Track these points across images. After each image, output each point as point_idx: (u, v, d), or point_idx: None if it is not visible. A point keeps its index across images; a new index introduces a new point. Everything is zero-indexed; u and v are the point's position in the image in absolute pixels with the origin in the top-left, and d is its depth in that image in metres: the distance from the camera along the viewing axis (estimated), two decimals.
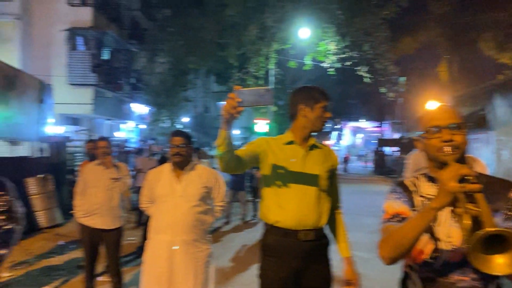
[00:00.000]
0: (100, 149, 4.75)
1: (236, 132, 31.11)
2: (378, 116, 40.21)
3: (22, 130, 8.33)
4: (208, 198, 3.32)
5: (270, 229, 2.39)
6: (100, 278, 5.24)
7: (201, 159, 9.04)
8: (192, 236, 3.14)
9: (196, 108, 29.83)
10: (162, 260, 3.09)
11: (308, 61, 16.35)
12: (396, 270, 1.83)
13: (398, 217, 1.58)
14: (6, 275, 5.51)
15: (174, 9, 18.89)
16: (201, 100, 30.33)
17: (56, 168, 9.97)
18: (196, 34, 17.22)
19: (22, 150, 9.78)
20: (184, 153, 3.22)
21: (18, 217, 1.31)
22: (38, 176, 8.85)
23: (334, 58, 15.96)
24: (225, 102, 1.82)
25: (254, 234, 8.54)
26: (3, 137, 7.79)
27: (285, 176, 2.34)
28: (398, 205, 1.61)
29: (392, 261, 1.51)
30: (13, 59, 13.74)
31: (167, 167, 3.33)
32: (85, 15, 16.11)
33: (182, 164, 3.25)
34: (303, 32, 15.62)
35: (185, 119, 24.84)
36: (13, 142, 9.13)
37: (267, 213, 2.40)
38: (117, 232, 4.74)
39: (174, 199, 3.17)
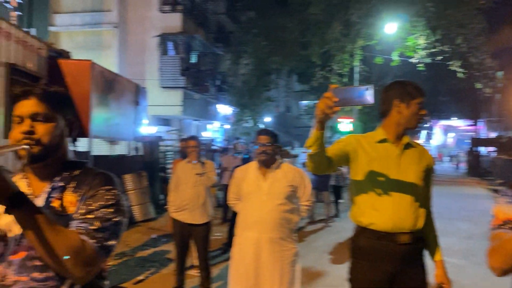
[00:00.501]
0: (190, 148, 4.99)
1: None
2: (471, 114, 37.41)
3: (120, 130, 9.00)
4: (294, 197, 3.31)
5: (363, 231, 2.30)
6: (190, 272, 5.48)
7: (284, 158, 9.09)
8: (278, 234, 3.15)
9: (278, 107, 30.03)
10: (249, 256, 3.15)
11: (395, 57, 15.68)
12: (499, 280, 1.67)
13: (511, 224, 1.43)
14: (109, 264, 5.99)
15: (258, 11, 19.22)
16: (283, 100, 30.47)
17: (150, 166, 10.65)
18: (279, 34, 17.36)
19: (120, 149, 10.59)
20: (270, 151, 3.25)
21: (124, 210, 1.40)
22: (134, 173, 9.51)
23: (423, 53, 15.14)
24: (318, 101, 1.77)
25: (337, 235, 8.41)
26: (103, 136, 8.49)
27: (379, 177, 2.24)
28: (510, 210, 1.46)
29: (504, 272, 1.38)
30: (112, 64, 14.90)
31: (253, 165, 3.39)
32: (175, 21, 16.96)
33: (268, 163, 3.28)
34: (390, 26, 15.02)
35: (267, 119, 25.13)
36: (112, 141, 9.90)
37: (360, 215, 2.31)
38: (205, 227, 4.93)
39: (260, 196, 3.21)
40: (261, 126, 22.07)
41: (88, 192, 1.37)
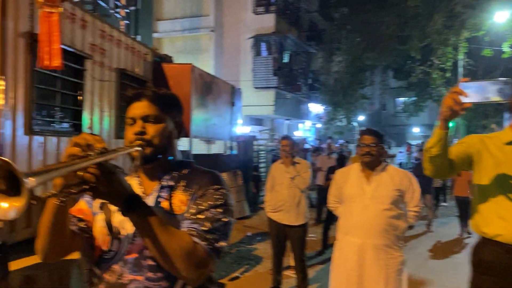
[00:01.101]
0: (282, 148, 4.95)
1: (415, 130, 29.12)
2: None
3: (217, 130, 9.32)
4: (401, 202, 3.08)
5: (488, 243, 2.06)
6: (287, 272, 5.45)
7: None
8: (383, 241, 2.96)
9: (373, 105, 28.97)
10: (352, 262, 3.00)
11: (507, 48, 14.21)
12: None
13: None
14: None
15: (352, 7, 18.69)
16: (378, 97, 29.30)
17: (244, 165, 10.87)
18: (375, 30, 16.71)
19: (216, 148, 10.97)
20: (375, 152, 3.06)
21: (232, 210, 1.36)
22: (230, 171, 9.77)
23: None
24: (446, 97, 1.59)
25: (439, 241, 7.89)
26: (202, 136, 8.85)
27: (507, 182, 1.97)
28: None
29: None
30: (209, 67, 15.51)
31: (355, 167, 3.23)
32: (268, 22, 17.17)
33: (372, 165, 3.09)
34: (500, 15, 13.63)
35: (361, 117, 24.35)
36: (209, 141, 10.29)
37: (484, 225, 2.06)
38: (301, 229, 4.85)
39: (364, 200, 3.04)
40: (355, 124, 21.44)
41: (198, 192, 1.37)
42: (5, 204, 0.94)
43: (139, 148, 1.36)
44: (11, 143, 4.16)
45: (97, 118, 5.77)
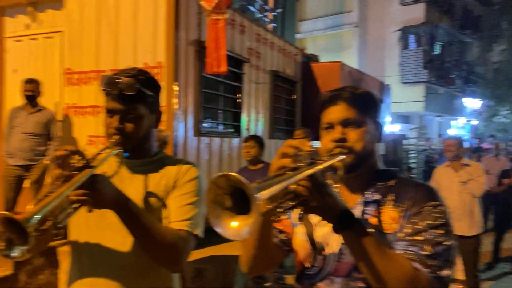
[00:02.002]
0: (447, 149, 4.46)
1: None
2: None
3: None
4: None
5: None
6: (453, 286, 4.92)
7: None
8: None
9: None
10: None
11: None
12: None
13: None
14: None
15: None
16: None
17: (393, 165, 10.27)
18: None
19: None
20: None
21: (453, 231, 1.14)
22: None
23: None
24: None
25: None
26: None
27: None
28: None
29: None
30: (352, 64, 15.10)
31: None
32: (417, 12, 16.06)
33: None
34: None
35: None
36: None
37: None
38: (475, 241, 4.31)
39: None
40: None
41: (411, 208, 1.19)
42: (235, 223, 0.90)
43: (343, 157, 1.23)
44: (183, 144, 4.51)
45: (253, 120, 5.98)
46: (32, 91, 4.46)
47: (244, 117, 5.70)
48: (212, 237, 1.48)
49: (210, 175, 4.83)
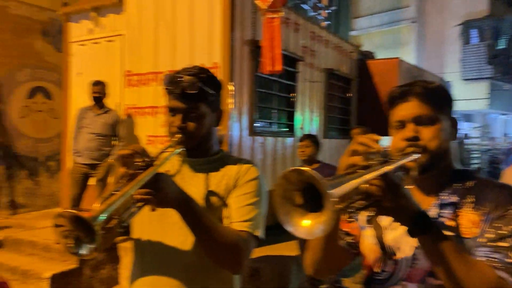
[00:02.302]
0: None
1: None
2: None
3: None
4: None
5: None
6: None
7: None
8: None
9: None
10: None
11: None
12: None
13: None
14: None
15: None
16: None
17: None
18: None
19: None
20: None
21: None
22: None
23: None
24: None
25: None
26: None
27: None
28: None
29: None
30: (410, 60, 14.54)
31: None
32: (480, 5, 15.20)
33: None
34: None
35: None
36: None
37: None
38: None
39: None
40: None
41: (494, 211, 1.09)
42: (307, 221, 0.85)
43: (417, 156, 1.15)
44: (238, 144, 4.53)
45: (307, 119, 5.90)
46: (99, 93, 4.70)
47: (298, 116, 5.63)
48: (268, 236, 1.44)
49: (264, 174, 4.81)
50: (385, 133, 1.24)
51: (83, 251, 1.02)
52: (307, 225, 0.85)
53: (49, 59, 6.88)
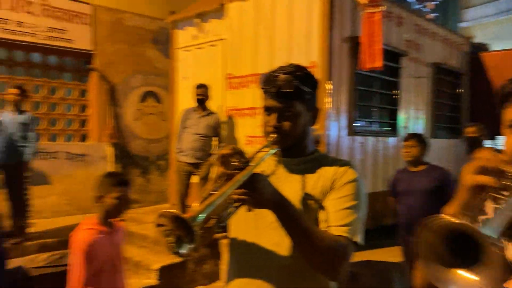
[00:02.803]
0: None
1: None
2: None
3: None
4: None
5: None
6: None
7: None
8: None
9: None
10: None
11: None
12: None
13: None
14: None
15: None
16: None
17: None
18: None
19: None
20: None
21: None
22: None
23: None
24: None
25: None
26: None
27: None
28: None
29: None
30: None
31: None
32: None
33: None
34: None
35: None
36: None
37: None
38: None
39: None
40: None
41: None
42: (468, 279, 0.72)
43: None
44: (336, 144, 4.42)
45: (412, 117, 5.57)
46: (203, 95, 4.92)
47: (401, 115, 5.33)
48: (368, 240, 1.36)
49: (364, 176, 4.64)
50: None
51: (183, 250, 1.04)
52: (470, 283, 0.71)
53: (159, 65, 7.41)
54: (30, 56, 6.47)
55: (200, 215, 1.02)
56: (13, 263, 3.79)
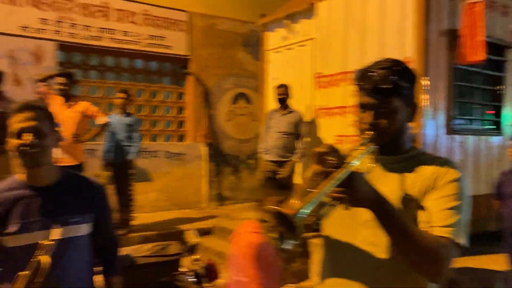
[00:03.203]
0: None
1: None
2: None
3: None
4: None
5: None
6: None
7: None
8: None
9: None
10: None
11: None
12: None
13: None
14: None
15: None
16: None
17: None
18: None
19: None
20: None
21: None
22: None
23: None
24: None
25: None
26: None
27: None
28: None
29: None
30: None
31: None
32: None
33: None
34: None
35: None
36: None
37: None
38: None
39: None
40: None
41: None
42: None
43: None
44: (433, 143, 4.21)
45: None
46: (283, 94, 5.05)
47: (507, 112, 4.90)
48: (470, 246, 1.29)
49: (464, 177, 4.34)
50: None
51: (286, 246, 1.07)
52: None
53: (249, 67, 7.63)
54: (134, 63, 7.05)
55: (301, 212, 1.04)
56: (121, 251, 4.18)
